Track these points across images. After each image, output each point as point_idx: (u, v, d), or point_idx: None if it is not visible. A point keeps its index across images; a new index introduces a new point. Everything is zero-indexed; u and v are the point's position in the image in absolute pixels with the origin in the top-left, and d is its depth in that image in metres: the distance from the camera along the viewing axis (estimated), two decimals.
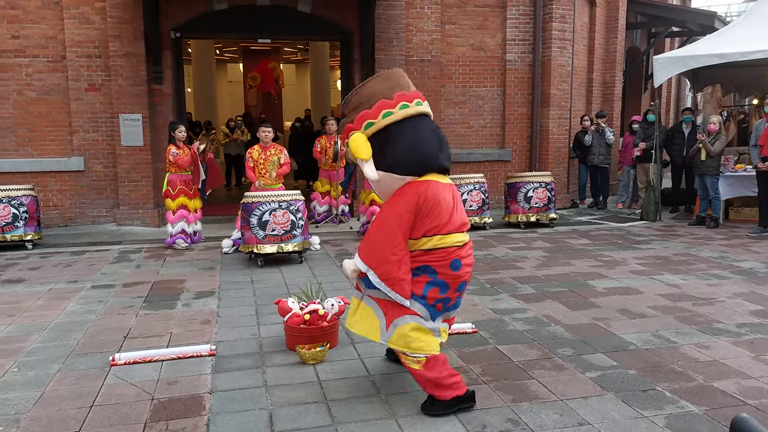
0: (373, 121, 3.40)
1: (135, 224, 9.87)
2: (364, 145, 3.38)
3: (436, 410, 3.36)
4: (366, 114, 3.41)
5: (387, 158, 3.38)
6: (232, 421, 3.33)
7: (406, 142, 3.38)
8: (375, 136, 3.40)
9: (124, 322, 5.09)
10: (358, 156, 3.39)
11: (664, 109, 17.56)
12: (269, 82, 20.90)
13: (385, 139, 3.39)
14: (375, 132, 3.40)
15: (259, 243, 6.99)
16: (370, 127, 3.41)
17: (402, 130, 3.40)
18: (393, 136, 3.39)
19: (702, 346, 4.38)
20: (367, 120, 3.41)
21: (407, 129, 3.41)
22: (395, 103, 3.40)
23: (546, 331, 4.75)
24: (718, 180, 9.43)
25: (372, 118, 3.40)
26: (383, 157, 3.39)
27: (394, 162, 3.37)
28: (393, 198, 3.43)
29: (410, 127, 3.42)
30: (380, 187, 3.51)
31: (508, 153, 11.41)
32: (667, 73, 10.49)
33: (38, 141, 9.73)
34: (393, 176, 3.40)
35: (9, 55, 9.48)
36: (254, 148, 7.84)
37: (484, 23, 11.08)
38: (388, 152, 3.38)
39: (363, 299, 3.52)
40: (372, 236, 3.47)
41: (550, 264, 7.09)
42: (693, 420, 3.28)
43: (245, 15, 10.13)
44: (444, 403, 3.36)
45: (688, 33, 15.54)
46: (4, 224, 8.10)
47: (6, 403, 3.58)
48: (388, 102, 3.40)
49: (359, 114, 3.44)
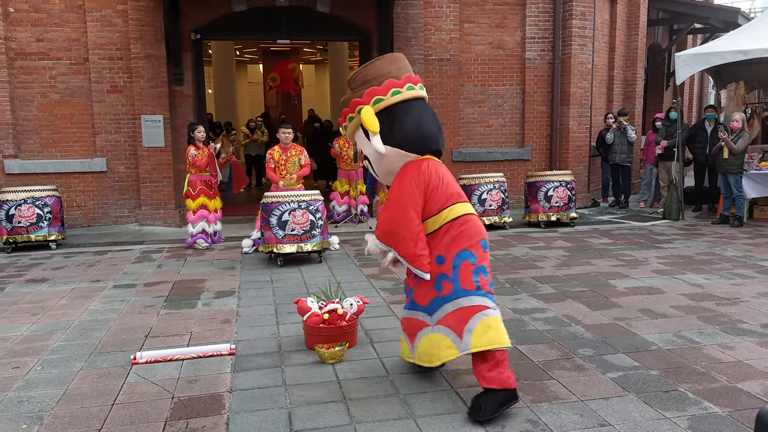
0: (382, 97, 3.52)
1: (156, 224, 9.98)
2: (375, 118, 3.48)
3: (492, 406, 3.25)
4: (375, 90, 3.53)
5: (396, 134, 3.50)
6: (251, 420, 3.34)
7: (413, 119, 3.54)
8: (382, 113, 3.51)
9: (146, 321, 5.15)
10: (370, 128, 3.47)
11: (686, 106, 17.33)
12: (289, 82, 21.00)
13: (392, 116, 3.52)
14: (382, 108, 3.52)
15: (279, 243, 7.02)
16: (378, 102, 3.52)
17: (408, 109, 3.55)
18: (400, 113, 3.53)
19: (726, 347, 4.31)
20: (377, 96, 3.52)
21: (413, 108, 3.57)
22: (403, 83, 3.56)
23: (566, 331, 4.71)
24: (742, 178, 9.28)
25: (381, 95, 3.52)
26: (392, 133, 3.50)
27: (402, 137, 3.50)
28: (398, 177, 3.53)
29: (415, 107, 3.58)
30: (384, 163, 3.61)
31: (528, 152, 11.33)
32: (689, 71, 10.34)
33: (62, 142, 9.88)
34: (399, 152, 3.53)
35: (33, 58, 9.63)
36: (275, 149, 7.86)
37: (503, 21, 11.02)
38: (396, 128, 3.50)
39: (433, 331, 3.46)
40: (385, 217, 3.53)
41: (570, 263, 7.03)
42: (716, 421, 3.23)
43: (264, 16, 10.19)
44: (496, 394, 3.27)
45: (710, 29, 15.30)
46: (29, 224, 8.23)
47: (30, 400, 3.64)
48: (396, 82, 3.54)
49: (368, 89, 3.55)
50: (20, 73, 9.64)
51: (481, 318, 3.32)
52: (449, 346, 3.38)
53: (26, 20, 9.55)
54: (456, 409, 3.43)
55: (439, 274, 3.42)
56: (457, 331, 3.34)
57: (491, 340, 3.28)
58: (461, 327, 3.33)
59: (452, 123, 10.76)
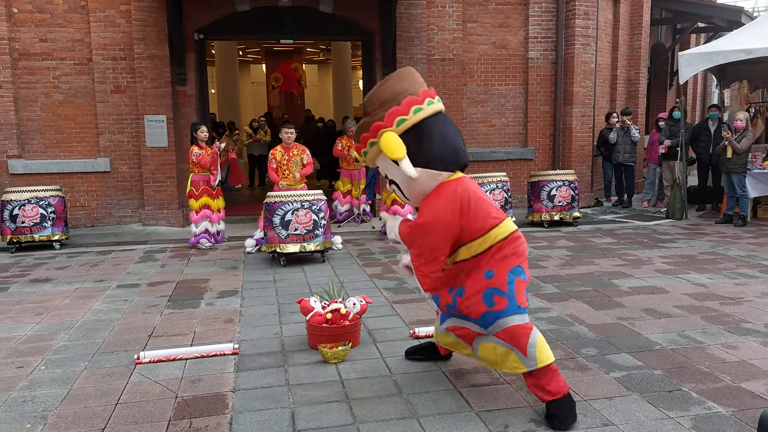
0: (405, 117, 3.37)
1: (160, 224, 10.00)
2: (399, 142, 3.33)
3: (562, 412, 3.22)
4: (396, 110, 3.38)
5: (424, 154, 3.36)
6: (254, 419, 3.35)
7: (439, 135, 3.41)
8: (407, 133, 3.37)
9: (149, 320, 5.15)
10: (395, 155, 3.32)
11: (689, 106, 17.31)
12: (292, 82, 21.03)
13: (418, 135, 3.38)
14: (407, 129, 3.38)
15: (282, 242, 7.03)
16: (402, 123, 3.38)
17: (432, 125, 3.42)
18: (426, 131, 3.40)
19: (729, 347, 4.30)
20: (399, 116, 3.38)
21: (437, 123, 3.45)
22: (422, 99, 3.42)
23: (569, 330, 4.70)
24: (745, 177, 9.26)
25: (404, 115, 3.37)
26: (421, 153, 3.36)
27: (431, 156, 3.37)
28: (433, 201, 3.39)
29: (438, 122, 3.46)
30: (416, 186, 3.45)
31: (531, 151, 11.32)
32: (692, 70, 10.32)
33: (65, 142, 9.90)
34: (430, 172, 3.39)
35: (37, 58, 9.66)
36: (277, 149, 7.87)
37: (505, 21, 11.01)
38: (425, 147, 3.37)
39: (491, 340, 3.41)
40: (416, 229, 3.44)
41: (573, 263, 7.02)
42: (720, 421, 3.23)
43: (267, 16, 10.20)
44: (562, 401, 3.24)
45: (714, 29, 15.26)
46: (33, 224, 8.25)
47: (34, 400, 3.64)
48: (416, 98, 3.41)
49: (388, 111, 3.39)
50: (24, 74, 9.66)
51: (537, 334, 3.31)
52: (515, 361, 3.30)
53: (30, 21, 9.57)
54: (459, 408, 3.43)
55: (489, 289, 3.33)
56: (520, 347, 3.27)
57: (549, 355, 3.28)
58: (523, 343, 3.26)
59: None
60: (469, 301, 3.41)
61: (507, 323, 3.30)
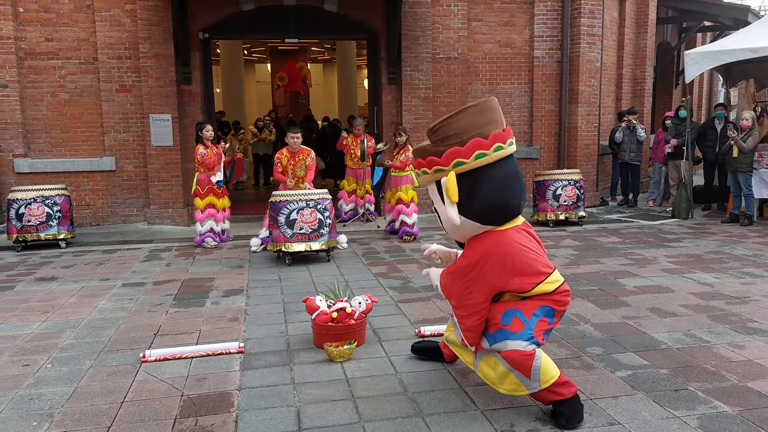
0: (464, 161, 3.15)
1: (165, 223, 10.02)
2: (455, 187, 3.17)
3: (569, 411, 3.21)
4: (458, 151, 3.15)
5: (473, 205, 3.20)
6: (260, 417, 3.35)
7: (494, 190, 3.20)
8: (462, 176, 3.19)
9: (155, 319, 5.17)
10: (449, 197, 3.19)
11: (695, 105, 17.24)
12: (297, 81, 21.05)
13: (473, 183, 3.19)
14: (463, 171, 3.19)
15: (287, 241, 7.03)
16: (459, 166, 3.17)
17: (492, 175, 3.20)
18: (482, 181, 3.19)
19: (736, 346, 4.29)
20: (458, 159, 3.16)
21: (497, 174, 3.22)
22: (490, 144, 3.16)
23: (575, 329, 4.69)
24: (752, 176, 9.23)
25: (464, 158, 3.15)
26: (470, 203, 3.20)
27: (479, 210, 3.20)
28: (478, 251, 3.26)
29: (500, 171, 3.23)
30: (458, 230, 3.32)
31: (536, 151, 11.30)
32: (698, 69, 10.28)
33: (71, 141, 9.93)
34: (474, 224, 3.25)
35: (43, 58, 9.69)
36: (283, 152, 7.84)
37: (511, 20, 10.99)
38: (475, 199, 3.19)
39: (492, 354, 3.34)
40: (453, 281, 3.37)
41: (579, 262, 7.01)
42: (727, 421, 3.21)
43: (272, 15, 10.21)
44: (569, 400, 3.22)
45: (720, 27, 15.21)
46: (39, 223, 8.28)
47: (40, 398, 3.66)
48: (483, 142, 3.15)
49: (450, 150, 3.17)
50: (30, 73, 9.69)
51: (541, 356, 3.17)
52: (515, 383, 3.23)
53: (36, 20, 9.60)
54: (464, 407, 3.42)
55: (512, 309, 3.23)
56: (523, 371, 3.17)
57: (554, 373, 3.19)
58: (527, 367, 3.15)
59: None
60: (489, 314, 3.32)
61: (511, 346, 3.17)
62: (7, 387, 3.82)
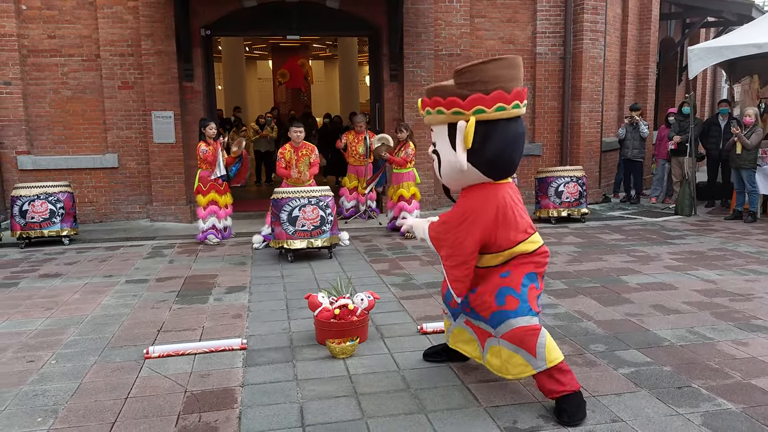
0: (485, 109, 3.21)
1: (168, 220, 10.02)
2: (472, 133, 3.23)
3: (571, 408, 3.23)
4: (482, 99, 3.20)
5: (484, 155, 3.27)
6: (263, 414, 3.36)
7: (504, 144, 3.30)
8: (477, 124, 3.24)
9: (158, 316, 5.18)
10: (465, 142, 3.25)
11: (699, 101, 17.20)
12: (298, 78, 21.04)
13: (486, 133, 3.26)
14: (480, 120, 3.24)
15: (289, 238, 7.04)
16: (479, 113, 3.23)
17: (505, 130, 3.29)
18: (496, 133, 3.27)
19: (739, 343, 4.28)
20: (480, 106, 3.21)
21: (509, 130, 3.31)
22: (511, 99, 3.24)
23: (578, 326, 4.69)
24: (755, 173, 9.21)
25: (486, 106, 3.21)
26: (481, 153, 3.27)
27: (487, 161, 3.29)
28: (472, 201, 3.36)
29: (512, 128, 3.32)
30: (460, 176, 3.39)
31: (539, 147, 11.28)
32: (702, 65, 10.25)
33: (74, 139, 9.94)
34: (478, 174, 3.33)
35: (45, 55, 9.69)
36: (286, 147, 7.84)
37: (513, 16, 10.97)
38: (486, 149, 3.27)
39: (499, 344, 3.40)
40: (444, 229, 3.44)
41: (581, 259, 7.00)
42: (730, 418, 3.21)
43: (274, 12, 10.19)
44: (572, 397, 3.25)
45: (724, 23, 15.16)
46: (42, 220, 8.29)
47: (44, 394, 3.67)
48: (506, 96, 3.22)
49: (474, 95, 3.21)
50: (33, 70, 9.69)
51: (546, 335, 3.28)
52: (522, 364, 3.29)
53: (38, 17, 9.60)
54: (467, 404, 3.43)
55: (503, 288, 3.34)
56: (528, 348, 3.24)
57: (558, 355, 3.27)
58: (532, 344, 3.23)
59: None
60: (482, 298, 3.42)
61: (516, 323, 3.28)
62: (11, 383, 3.83)
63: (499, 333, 3.36)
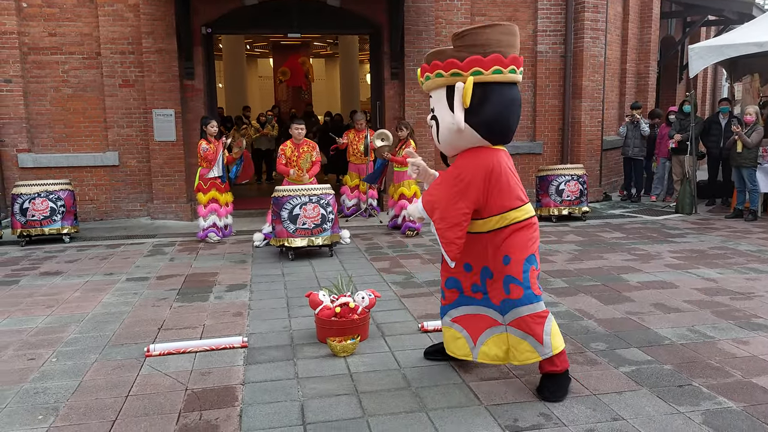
0: (482, 71, 3.28)
1: (168, 218, 10.02)
2: (470, 92, 3.29)
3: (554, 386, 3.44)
4: (479, 61, 3.27)
5: (480, 116, 3.33)
6: (264, 412, 3.36)
7: (501, 108, 3.36)
8: (474, 86, 3.31)
9: (159, 314, 5.18)
10: (463, 100, 3.30)
11: (699, 99, 17.19)
12: (299, 76, 21.02)
13: (483, 95, 3.32)
14: (477, 82, 3.30)
15: (290, 236, 7.04)
16: (477, 75, 3.30)
17: (501, 93, 3.36)
18: (493, 96, 3.34)
19: (740, 342, 4.28)
20: (477, 67, 3.28)
21: (505, 94, 3.38)
22: (508, 64, 3.32)
23: (579, 325, 4.69)
24: (756, 172, 9.20)
25: (484, 68, 3.28)
26: (478, 114, 3.33)
27: (484, 122, 3.35)
28: (467, 161, 3.41)
29: (508, 93, 3.39)
30: (454, 137, 3.43)
31: (540, 145, 11.28)
32: (703, 63, 10.24)
33: (74, 136, 9.94)
34: (474, 135, 3.38)
35: (46, 53, 9.69)
36: (287, 144, 7.85)
37: (514, 14, 10.95)
38: (484, 110, 3.33)
39: (507, 331, 3.50)
40: (438, 191, 3.47)
41: (582, 258, 7.00)
42: (731, 416, 3.21)
43: (275, 10, 10.19)
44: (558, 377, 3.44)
45: (724, 21, 15.15)
46: (43, 218, 8.29)
47: (45, 392, 3.67)
48: (503, 60, 3.30)
49: (472, 57, 3.28)
50: (33, 68, 9.69)
51: (551, 321, 3.43)
52: (528, 350, 3.41)
53: (39, 15, 9.60)
54: (468, 402, 3.43)
55: (507, 276, 3.42)
56: (536, 335, 3.37)
57: (561, 341, 3.46)
58: (539, 332, 3.37)
59: None
60: (495, 285, 3.50)
61: (523, 312, 3.38)
62: (12, 381, 3.83)
63: (507, 320, 3.46)
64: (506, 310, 3.44)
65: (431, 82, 3.47)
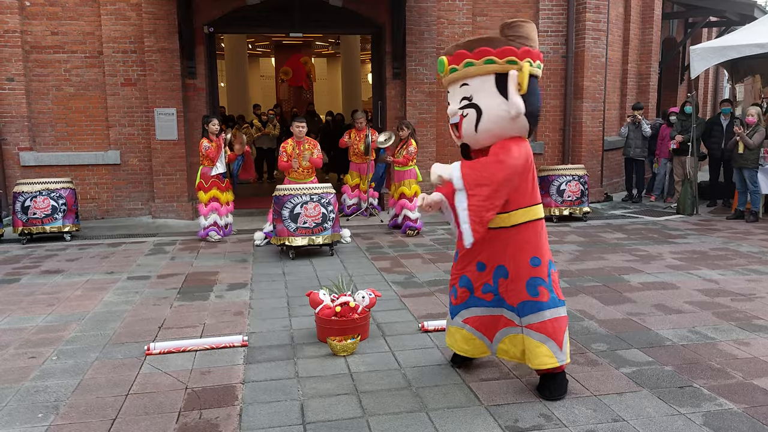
0: (532, 62, 3.37)
1: (169, 217, 10.03)
2: (527, 79, 3.32)
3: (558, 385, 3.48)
4: (532, 53, 3.37)
5: (527, 105, 3.38)
6: (264, 411, 3.36)
7: (539, 100, 3.49)
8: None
9: (159, 312, 5.18)
10: (522, 84, 3.31)
11: (701, 101, 17.17)
12: (301, 76, 21.00)
13: (531, 87, 3.38)
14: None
15: (291, 235, 7.04)
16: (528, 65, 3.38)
17: (536, 85, 3.46)
18: (535, 87, 3.43)
19: (741, 343, 4.28)
20: (531, 59, 3.36)
21: (536, 87, 3.48)
22: (536, 57, 3.42)
23: (579, 326, 4.69)
24: (757, 173, 9.19)
25: (532, 60, 3.37)
26: (528, 101, 3.38)
27: (532, 110, 3.42)
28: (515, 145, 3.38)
29: (537, 86, 3.48)
30: (508, 127, 3.40)
31: (541, 146, 11.26)
32: (704, 64, 10.23)
33: (76, 135, 9.94)
34: (524, 123, 3.41)
35: (48, 51, 9.69)
36: (288, 142, 7.85)
37: (516, 15, 10.93)
38: (530, 100, 3.39)
39: (524, 333, 3.48)
40: (492, 170, 3.32)
41: (583, 258, 7.00)
42: (732, 418, 3.21)
43: (277, 9, 10.19)
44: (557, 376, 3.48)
45: (726, 23, 15.12)
46: (44, 216, 8.30)
47: (46, 390, 3.67)
48: (540, 55, 3.43)
49: (526, 47, 3.36)
50: (35, 67, 9.70)
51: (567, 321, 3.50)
52: (548, 355, 3.40)
53: (41, 14, 9.60)
54: (468, 402, 3.43)
55: (534, 278, 3.40)
56: (557, 341, 3.40)
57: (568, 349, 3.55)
58: (560, 337, 3.41)
59: None
60: (513, 285, 3.45)
61: (546, 315, 3.39)
62: (13, 379, 3.84)
63: (525, 322, 3.44)
64: (526, 312, 3.42)
65: (476, 68, 3.38)
